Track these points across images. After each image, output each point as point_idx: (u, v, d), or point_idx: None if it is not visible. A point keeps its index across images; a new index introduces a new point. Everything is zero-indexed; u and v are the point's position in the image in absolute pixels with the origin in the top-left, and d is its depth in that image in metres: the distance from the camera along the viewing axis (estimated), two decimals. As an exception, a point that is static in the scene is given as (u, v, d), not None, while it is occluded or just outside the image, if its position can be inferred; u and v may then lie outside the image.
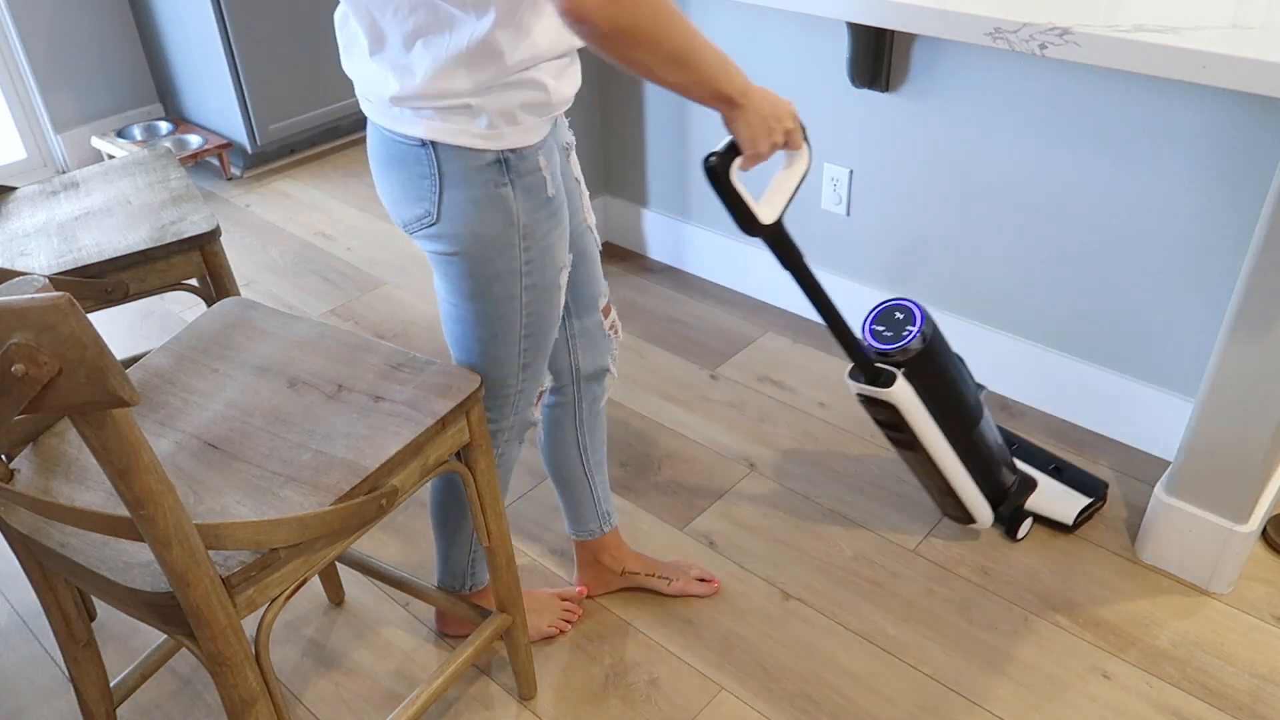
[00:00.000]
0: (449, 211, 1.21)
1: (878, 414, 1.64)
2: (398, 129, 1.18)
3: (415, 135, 1.17)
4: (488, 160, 1.18)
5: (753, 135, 1.24)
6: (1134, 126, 1.78)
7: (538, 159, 1.22)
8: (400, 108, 1.16)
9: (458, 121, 1.15)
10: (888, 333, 1.61)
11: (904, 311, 1.62)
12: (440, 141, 1.16)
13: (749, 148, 1.25)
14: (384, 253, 2.93)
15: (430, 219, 1.22)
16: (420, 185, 1.20)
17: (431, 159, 1.18)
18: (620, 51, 1.05)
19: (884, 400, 1.59)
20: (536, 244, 1.26)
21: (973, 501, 1.76)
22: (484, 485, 1.36)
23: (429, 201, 1.21)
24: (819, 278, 2.41)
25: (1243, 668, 1.61)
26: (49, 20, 3.22)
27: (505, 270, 1.26)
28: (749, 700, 1.59)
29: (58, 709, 1.63)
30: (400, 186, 1.23)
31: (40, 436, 1.25)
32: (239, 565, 1.05)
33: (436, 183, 1.19)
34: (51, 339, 0.79)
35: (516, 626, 1.52)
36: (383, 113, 1.19)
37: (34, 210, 1.74)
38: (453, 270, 1.27)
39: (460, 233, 1.22)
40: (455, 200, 1.20)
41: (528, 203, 1.23)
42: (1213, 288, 1.82)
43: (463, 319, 1.32)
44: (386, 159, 1.23)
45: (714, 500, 1.98)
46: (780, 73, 2.23)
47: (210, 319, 1.43)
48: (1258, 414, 1.57)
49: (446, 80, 1.12)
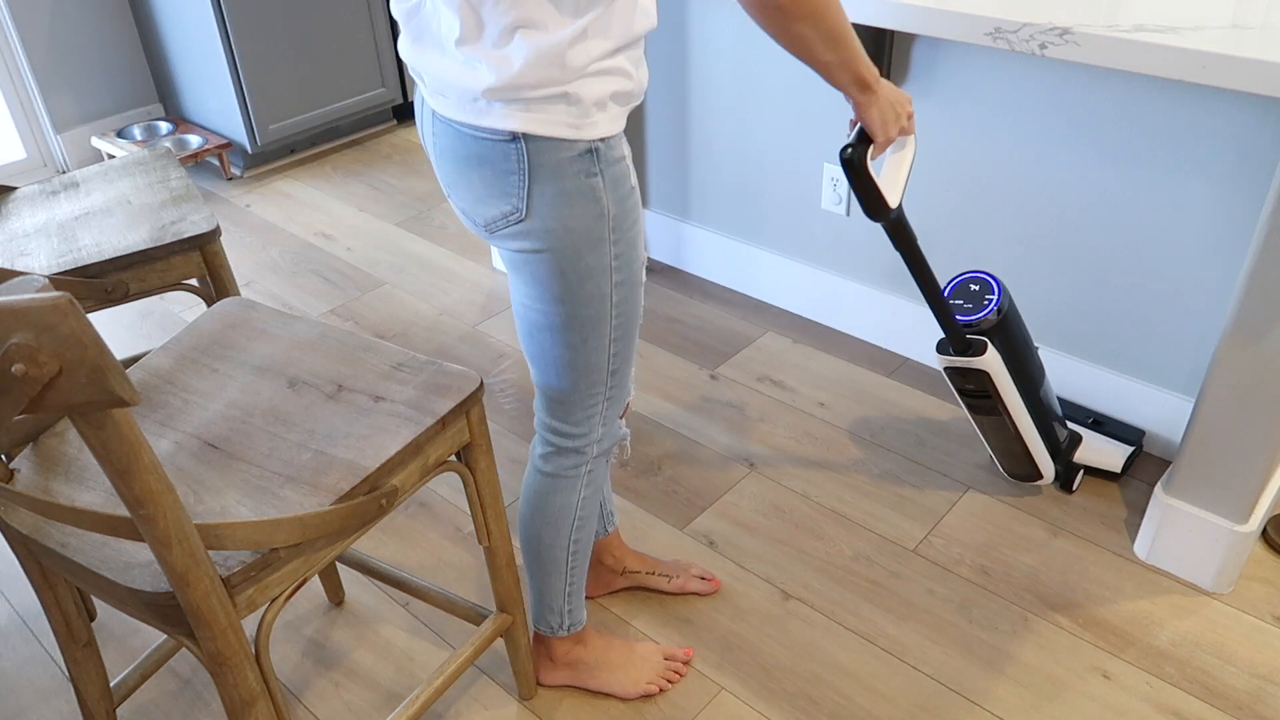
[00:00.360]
0: (539, 206, 1.17)
1: (966, 383, 1.73)
2: (484, 123, 1.14)
3: (506, 129, 1.13)
4: (580, 150, 1.15)
5: (884, 121, 1.32)
6: (1134, 127, 1.78)
7: (622, 148, 1.21)
8: (491, 100, 1.12)
9: (553, 112, 1.12)
10: (967, 305, 1.71)
11: (979, 283, 1.73)
12: (532, 134, 1.13)
13: (880, 134, 1.33)
14: (384, 253, 2.93)
15: (518, 215, 1.18)
16: (507, 181, 1.17)
17: (521, 153, 1.14)
18: (787, 25, 1.11)
19: (976, 369, 1.69)
20: (624, 236, 1.23)
21: (1041, 459, 1.85)
22: (484, 485, 1.36)
23: (516, 198, 1.17)
24: (819, 277, 2.42)
25: (1243, 668, 1.61)
26: (49, 20, 3.22)
27: (596, 266, 1.22)
28: (749, 700, 1.59)
29: (58, 709, 1.63)
30: (483, 184, 1.19)
31: (40, 436, 1.25)
32: (239, 565, 1.05)
33: (525, 177, 1.16)
34: (51, 339, 0.79)
35: (516, 626, 1.52)
36: (464, 108, 1.15)
37: (34, 210, 1.74)
38: (541, 269, 1.22)
39: (552, 227, 1.18)
40: (545, 194, 1.17)
41: (615, 193, 1.20)
42: (1213, 287, 1.82)
43: (551, 325, 1.27)
44: (466, 157, 1.18)
45: (714, 500, 1.98)
46: (780, 73, 2.23)
47: (210, 319, 1.43)
48: (1258, 414, 1.57)
49: (545, 69, 1.09)
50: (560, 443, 1.38)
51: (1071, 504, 1.93)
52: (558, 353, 1.29)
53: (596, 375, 1.31)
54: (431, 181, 3.34)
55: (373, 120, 3.73)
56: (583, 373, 1.30)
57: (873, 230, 2.27)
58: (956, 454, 2.06)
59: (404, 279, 2.79)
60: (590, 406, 1.34)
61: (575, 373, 1.30)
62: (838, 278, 2.39)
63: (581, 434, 1.37)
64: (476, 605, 1.55)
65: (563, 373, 1.30)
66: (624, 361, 1.33)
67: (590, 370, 1.30)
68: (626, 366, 1.34)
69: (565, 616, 1.54)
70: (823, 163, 2.27)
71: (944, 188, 2.10)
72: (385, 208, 3.19)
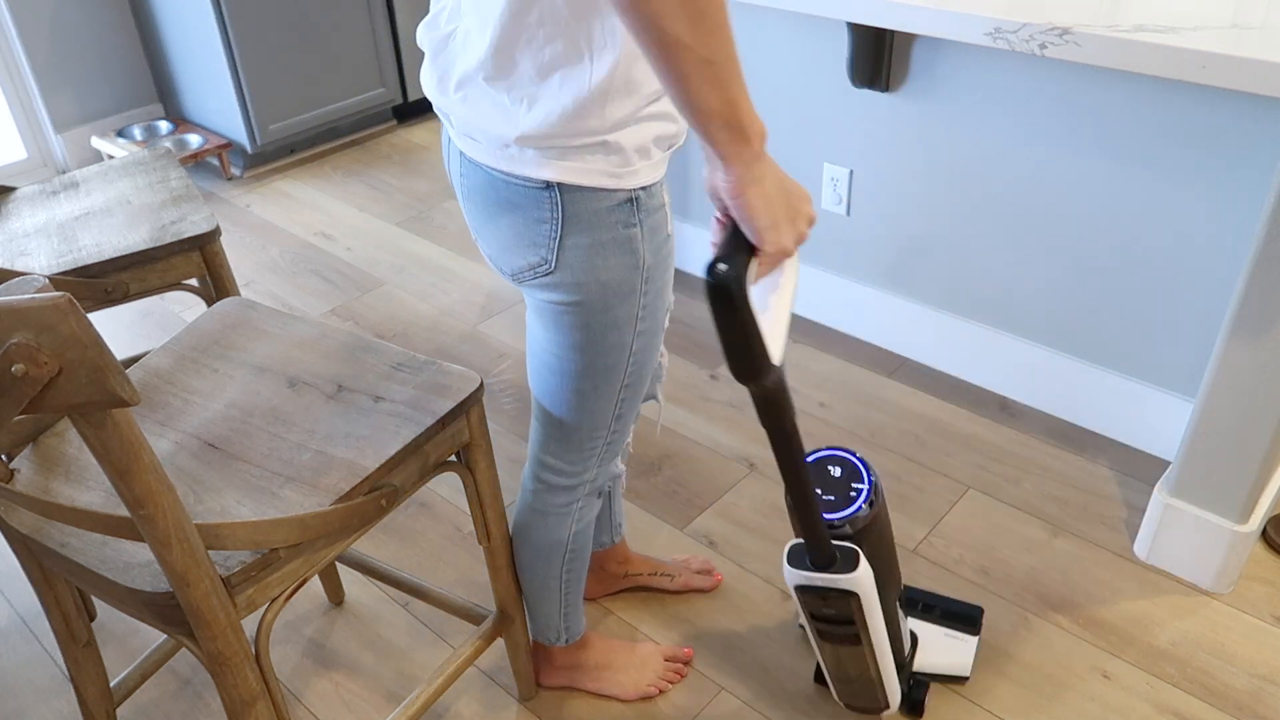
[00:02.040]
0: (570, 258, 1.09)
1: (825, 607, 1.24)
2: (516, 171, 1.06)
3: (540, 177, 1.04)
4: (619, 200, 1.07)
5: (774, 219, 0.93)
6: (1134, 126, 1.78)
7: (663, 195, 1.13)
8: (524, 148, 1.04)
9: (592, 160, 1.04)
10: (828, 497, 1.25)
11: (842, 465, 1.28)
12: (568, 183, 1.04)
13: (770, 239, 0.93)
14: (384, 253, 2.93)
15: (547, 267, 1.11)
16: (537, 231, 1.09)
17: (555, 202, 1.06)
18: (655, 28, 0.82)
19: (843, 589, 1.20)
20: (653, 286, 1.16)
21: (891, 686, 1.41)
22: (484, 485, 1.36)
23: (545, 249, 1.09)
24: (819, 277, 2.42)
25: (1242, 668, 1.61)
26: (49, 20, 3.22)
27: (624, 317, 1.15)
28: (749, 700, 1.59)
29: (58, 709, 1.63)
30: (512, 233, 1.11)
31: (40, 436, 1.25)
32: (239, 565, 1.05)
33: (557, 227, 1.08)
34: (51, 339, 0.79)
35: (516, 626, 1.52)
36: (494, 153, 1.07)
37: (34, 210, 1.74)
38: (565, 320, 1.16)
39: (583, 280, 1.11)
40: (578, 246, 1.08)
41: (651, 243, 1.12)
42: (1213, 288, 1.82)
43: (564, 371, 1.21)
44: (497, 204, 1.10)
45: (714, 500, 1.98)
46: (780, 73, 2.23)
47: (210, 319, 1.43)
48: (1258, 414, 1.57)
49: (585, 118, 1.00)
50: (553, 480, 1.34)
51: (1071, 504, 1.93)
52: (565, 396, 1.24)
53: (601, 420, 1.26)
54: (432, 181, 3.34)
55: (373, 120, 3.73)
56: (587, 416, 1.25)
57: (873, 230, 2.27)
58: (956, 454, 2.06)
59: (404, 279, 2.79)
60: (589, 449, 1.30)
61: (580, 415, 1.25)
62: (838, 278, 2.39)
63: (575, 473, 1.32)
64: (476, 605, 1.55)
65: (567, 414, 1.26)
66: (630, 407, 1.27)
67: (595, 414, 1.25)
68: (632, 412, 1.29)
69: (562, 632, 1.53)
70: (822, 162, 2.27)
71: (944, 187, 2.10)
72: (385, 208, 3.19)
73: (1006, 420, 2.15)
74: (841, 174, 2.24)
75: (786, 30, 2.17)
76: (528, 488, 1.38)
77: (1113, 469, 2.01)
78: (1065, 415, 2.13)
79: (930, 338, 2.28)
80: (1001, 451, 2.06)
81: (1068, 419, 2.13)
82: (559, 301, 1.14)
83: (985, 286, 2.14)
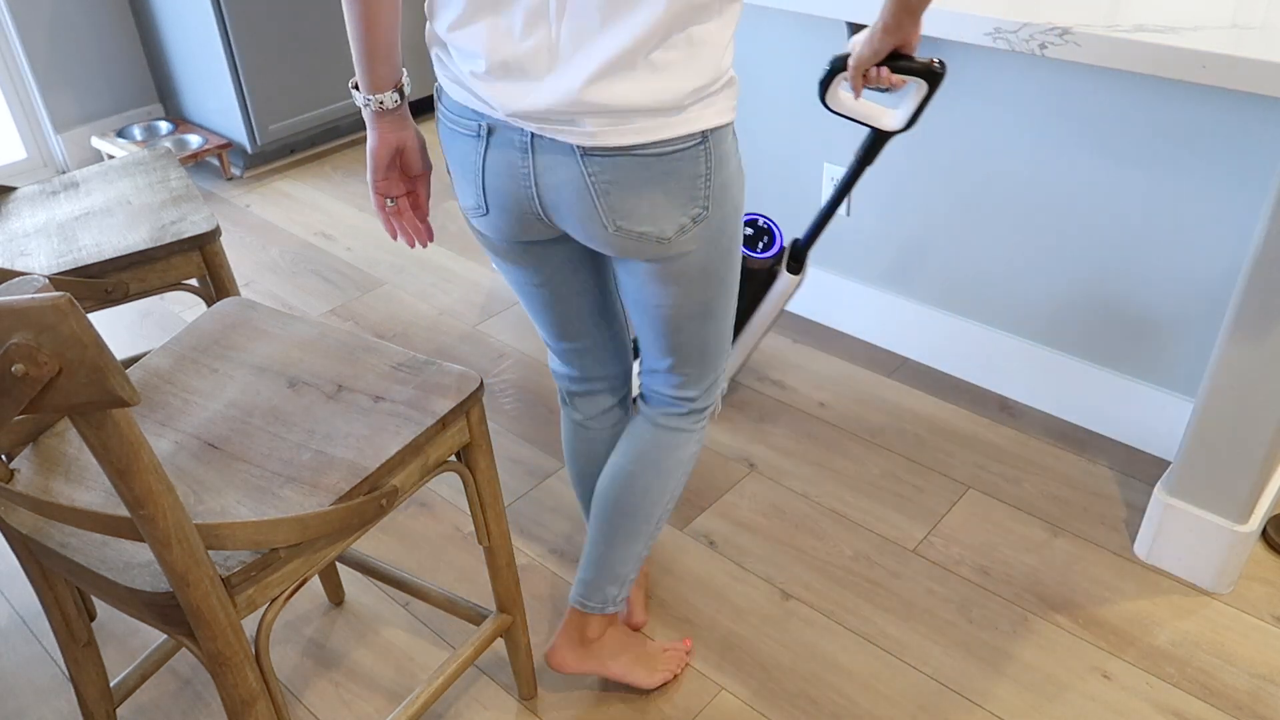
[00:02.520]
0: (718, 197, 1.16)
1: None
2: (678, 132, 1.08)
3: (695, 130, 1.09)
4: (732, 129, 1.16)
5: None
6: (1134, 126, 1.78)
7: None
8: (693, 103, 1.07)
9: (728, 97, 1.11)
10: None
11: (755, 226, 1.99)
12: (714, 126, 1.10)
13: None
14: (384, 253, 2.93)
15: (703, 214, 1.15)
16: (694, 185, 1.13)
17: (707, 150, 1.11)
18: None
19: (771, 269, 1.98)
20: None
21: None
22: (484, 485, 1.36)
23: (702, 195, 1.14)
24: (819, 277, 2.42)
25: (1242, 668, 1.61)
26: (49, 20, 3.22)
27: (739, 231, 1.24)
28: (749, 700, 1.59)
29: (58, 709, 1.63)
30: (666, 197, 1.12)
31: (40, 436, 1.25)
32: (239, 565, 1.05)
33: (710, 175, 1.13)
34: (51, 339, 0.79)
35: (516, 626, 1.52)
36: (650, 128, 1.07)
37: (34, 210, 1.74)
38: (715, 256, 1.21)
39: (727, 213, 1.18)
40: (721, 183, 1.15)
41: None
42: (1213, 288, 1.82)
43: (705, 312, 1.27)
44: (649, 179, 1.11)
45: (714, 500, 1.98)
46: (780, 72, 2.23)
47: (210, 319, 1.43)
48: (1258, 414, 1.57)
49: (727, 53, 1.09)
50: (692, 405, 1.41)
51: (1072, 504, 1.93)
52: (704, 335, 1.30)
53: (726, 341, 1.35)
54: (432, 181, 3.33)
55: (373, 120, 3.72)
56: (720, 342, 1.33)
57: (873, 230, 2.27)
58: (956, 454, 2.06)
59: (404, 279, 2.79)
60: (718, 370, 1.38)
61: (716, 345, 1.33)
62: (838, 278, 2.39)
63: (711, 396, 1.41)
64: (476, 605, 1.55)
65: (705, 349, 1.32)
66: None
67: (723, 338, 1.33)
68: None
69: (624, 588, 1.49)
70: (822, 162, 2.27)
71: (944, 187, 2.10)
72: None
73: (1006, 420, 2.15)
74: (841, 174, 2.24)
75: (786, 30, 2.17)
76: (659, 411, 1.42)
77: (1113, 469, 2.01)
78: (1065, 415, 2.13)
79: (930, 338, 2.28)
80: (1001, 451, 2.07)
81: (1068, 419, 2.13)
82: (700, 246, 1.19)
83: (985, 286, 2.14)
